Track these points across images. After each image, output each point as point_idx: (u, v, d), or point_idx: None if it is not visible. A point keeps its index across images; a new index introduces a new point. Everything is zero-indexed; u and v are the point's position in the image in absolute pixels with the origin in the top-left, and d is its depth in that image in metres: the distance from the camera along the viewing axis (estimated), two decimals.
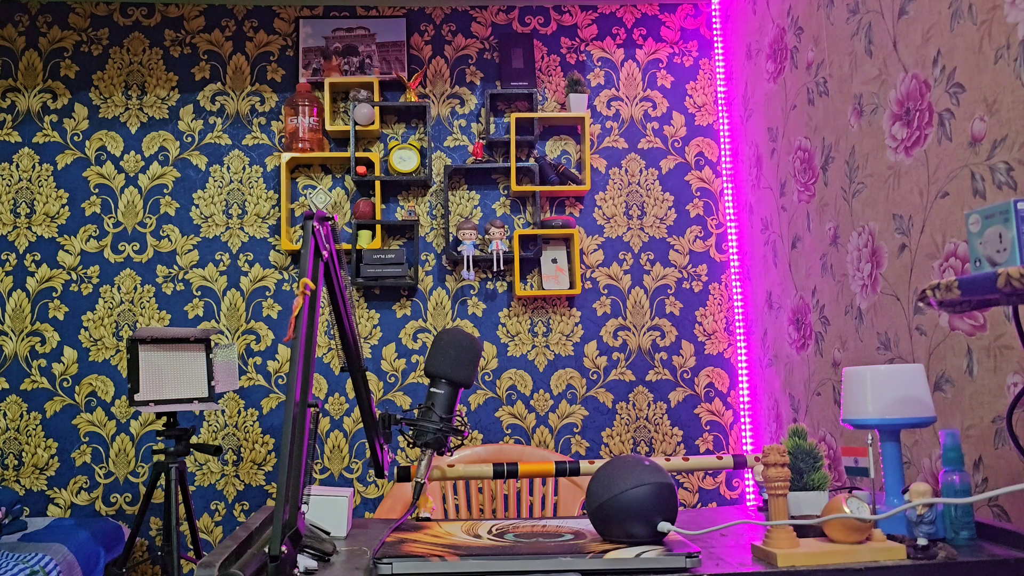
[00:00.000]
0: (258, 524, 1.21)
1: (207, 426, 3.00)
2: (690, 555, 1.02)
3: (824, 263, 2.33)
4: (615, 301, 3.12)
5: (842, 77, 2.19)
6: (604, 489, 1.10)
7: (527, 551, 1.06)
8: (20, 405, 2.97)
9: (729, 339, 3.12)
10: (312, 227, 1.20)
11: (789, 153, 2.56)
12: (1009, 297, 1.00)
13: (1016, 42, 1.49)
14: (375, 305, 3.10)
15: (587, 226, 3.16)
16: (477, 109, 3.20)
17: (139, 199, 3.09)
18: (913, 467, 1.87)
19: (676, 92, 3.24)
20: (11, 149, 3.08)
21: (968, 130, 1.63)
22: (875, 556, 1.04)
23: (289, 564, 0.91)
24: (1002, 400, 1.55)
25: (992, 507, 1.59)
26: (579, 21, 3.26)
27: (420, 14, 3.23)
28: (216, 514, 2.97)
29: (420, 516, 1.38)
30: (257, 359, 3.05)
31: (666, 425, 3.07)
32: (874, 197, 2.03)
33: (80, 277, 3.04)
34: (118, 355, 3.01)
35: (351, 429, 3.03)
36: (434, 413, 1.36)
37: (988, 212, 1.02)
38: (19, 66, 3.12)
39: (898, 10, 1.89)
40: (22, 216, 3.05)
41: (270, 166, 3.14)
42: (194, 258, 3.07)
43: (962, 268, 1.67)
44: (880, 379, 1.24)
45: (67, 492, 2.95)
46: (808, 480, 1.35)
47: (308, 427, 1.05)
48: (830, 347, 2.30)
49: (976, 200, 1.61)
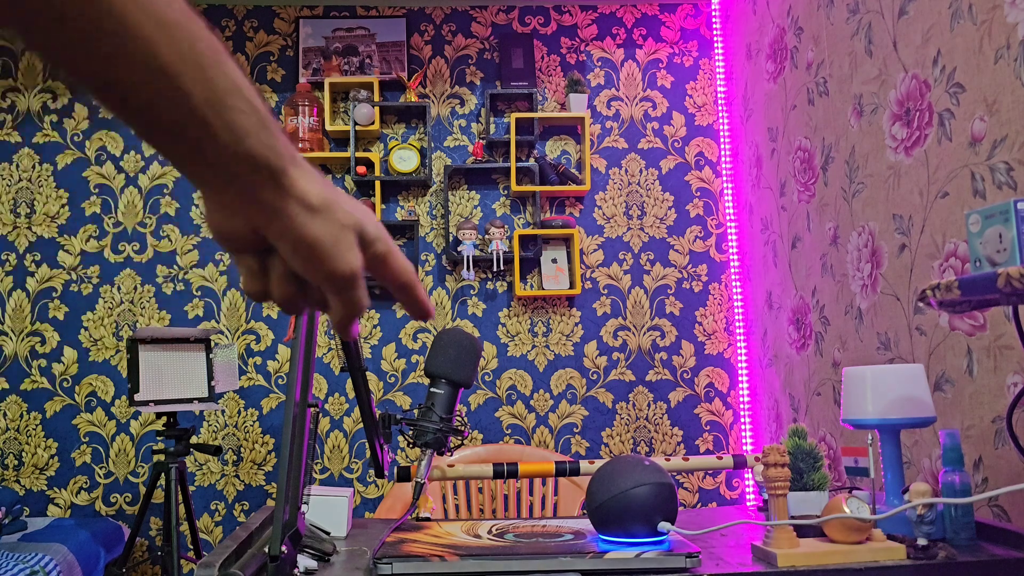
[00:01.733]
0: (258, 524, 1.21)
1: (207, 426, 3.00)
2: (690, 555, 1.02)
3: (824, 263, 2.33)
4: (615, 301, 3.12)
5: (842, 77, 2.19)
6: (604, 489, 1.10)
7: (527, 551, 1.06)
8: (20, 405, 2.97)
9: (729, 339, 3.12)
10: None
11: (789, 153, 2.56)
12: (1009, 297, 1.00)
13: (1016, 42, 1.49)
14: (375, 305, 3.10)
15: (587, 226, 3.16)
16: (477, 109, 3.20)
17: (139, 199, 3.09)
18: (913, 467, 1.86)
19: (676, 92, 3.24)
20: (11, 149, 3.08)
21: (968, 130, 1.63)
22: (875, 556, 1.04)
23: (289, 564, 0.91)
24: (1002, 400, 1.55)
25: (992, 507, 1.59)
26: (579, 21, 3.26)
27: (420, 14, 3.23)
28: (216, 514, 2.97)
29: (420, 516, 1.38)
30: (257, 359, 3.05)
31: (666, 425, 3.07)
32: (874, 197, 2.03)
33: (80, 277, 3.04)
34: (118, 355, 3.01)
35: (351, 429, 3.03)
36: (434, 413, 1.36)
37: (988, 212, 1.02)
38: (19, 66, 3.12)
39: (898, 10, 1.89)
40: (22, 216, 3.05)
41: None
42: (194, 258, 3.07)
43: (962, 268, 1.67)
44: (880, 379, 1.24)
45: (67, 492, 2.95)
46: (808, 480, 1.35)
47: (308, 427, 1.05)
48: (830, 347, 2.30)
49: (976, 200, 1.61)
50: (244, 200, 0.41)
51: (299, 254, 0.43)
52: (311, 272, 0.44)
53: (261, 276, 0.46)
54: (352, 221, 0.44)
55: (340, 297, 0.45)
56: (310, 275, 0.44)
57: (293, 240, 0.42)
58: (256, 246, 0.45)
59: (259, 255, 0.46)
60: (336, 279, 0.44)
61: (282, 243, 0.43)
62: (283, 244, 0.43)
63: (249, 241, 0.44)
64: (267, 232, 0.43)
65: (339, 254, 0.43)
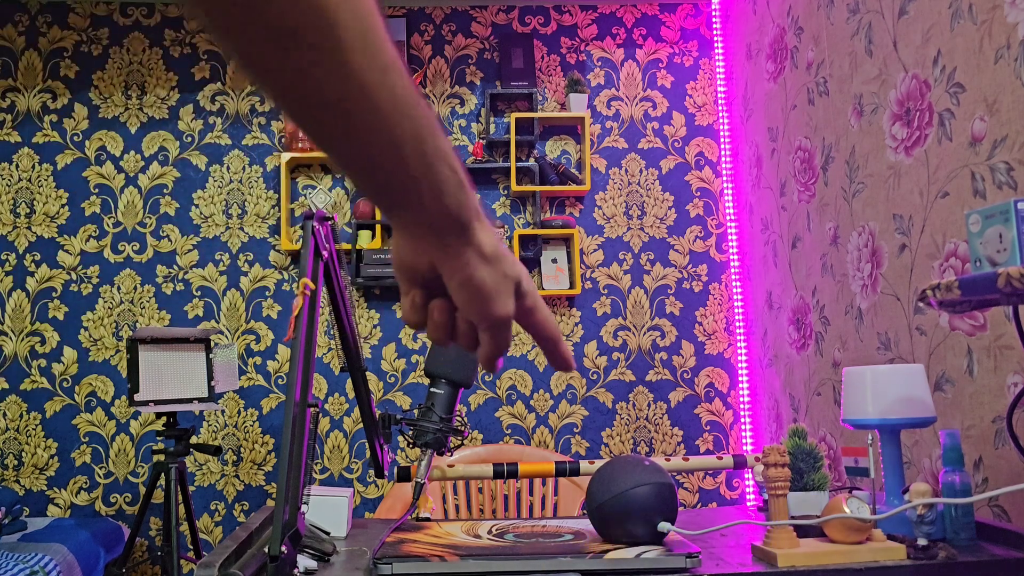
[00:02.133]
0: (258, 524, 1.20)
1: (207, 426, 3.00)
2: (690, 555, 1.02)
3: (824, 263, 2.33)
4: (615, 301, 3.12)
5: (842, 77, 2.19)
6: (604, 489, 1.10)
7: (527, 551, 1.06)
8: (20, 405, 2.97)
9: (729, 339, 3.12)
10: (312, 227, 1.20)
11: (789, 153, 2.56)
12: (1009, 297, 1.00)
13: (1016, 42, 1.49)
14: (375, 305, 3.10)
15: (587, 226, 3.15)
16: (477, 109, 3.20)
17: (139, 199, 3.09)
18: (913, 467, 1.86)
19: (676, 92, 3.24)
20: (11, 149, 3.08)
21: (968, 130, 1.63)
22: (875, 556, 1.04)
23: (289, 564, 0.91)
24: (1002, 400, 1.55)
25: (992, 507, 1.59)
26: (579, 21, 3.26)
27: (420, 14, 3.23)
28: (216, 514, 2.97)
29: (420, 516, 1.38)
30: (257, 359, 3.05)
31: (666, 425, 3.07)
32: (874, 197, 2.03)
33: (80, 277, 3.04)
34: (118, 355, 3.01)
35: (351, 429, 3.03)
36: (434, 413, 1.36)
37: (988, 212, 1.02)
38: (19, 66, 3.12)
39: (898, 10, 1.89)
40: (22, 216, 3.05)
41: (270, 166, 3.14)
42: (194, 258, 3.07)
43: (962, 268, 1.67)
44: (880, 379, 1.23)
45: (67, 492, 2.95)
46: (808, 480, 1.35)
47: (308, 427, 1.05)
48: (830, 347, 2.30)
49: (976, 200, 1.61)
50: (432, 244, 0.49)
51: (466, 293, 0.50)
52: (472, 310, 0.50)
53: (422, 310, 0.53)
54: (514, 273, 0.51)
55: (491, 335, 0.51)
56: (470, 312, 0.51)
57: (465, 281, 0.49)
58: (427, 283, 0.52)
59: (426, 291, 0.53)
60: (492, 319, 0.51)
61: (453, 282, 0.50)
62: (454, 283, 0.50)
63: (424, 277, 0.52)
64: (443, 271, 0.50)
65: (499, 298, 0.50)
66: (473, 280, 0.49)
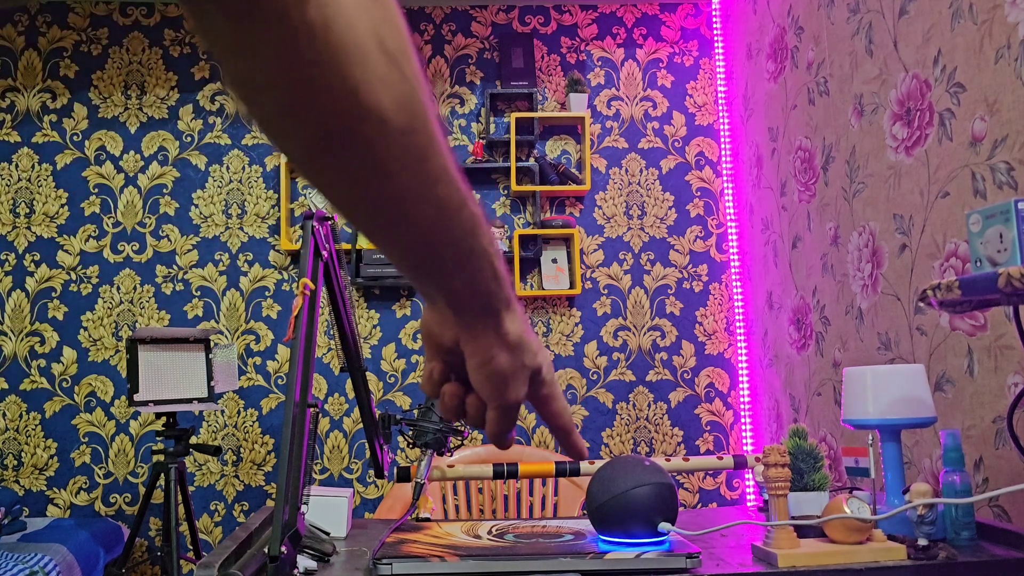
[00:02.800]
0: (258, 524, 1.20)
1: (207, 426, 3.00)
2: (690, 555, 1.02)
3: (824, 263, 2.33)
4: (615, 301, 3.12)
5: (842, 77, 2.19)
6: (604, 489, 1.10)
7: (527, 552, 1.06)
8: (20, 405, 2.97)
9: (729, 339, 3.12)
10: (312, 227, 1.20)
11: (789, 153, 2.56)
12: (1010, 297, 1.00)
13: (1016, 42, 1.48)
14: (375, 305, 3.09)
15: (587, 226, 3.15)
16: (477, 109, 3.20)
17: (138, 199, 3.09)
18: (913, 467, 1.86)
19: (676, 92, 3.23)
20: (10, 149, 3.08)
21: (969, 130, 1.63)
22: (875, 556, 1.04)
23: (289, 564, 0.91)
24: (1003, 400, 1.55)
25: (993, 507, 1.59)
26: (579, 21, 3.26)
27: (420, 13, 3.23)
28: (216, 514, 2.97)
29: (420, 516, 1.38)
30: (257, 359, 3.05)
31: (666, 425, 3.07)
32: (874, 197, 2.03)
33: (79, 277, 3.04)
34: (118, 355, 3.01)
35: (351, 429, 3.03)
36: (434, 413, 1.36)
37: (989, 212, 1.02)
38: (18, 66, 3.12)
39: (898, 10, 1.89)
40: (21, 216, 3.05)
41: (269, 166, 3.13)
42: (193, 258, 3.07)
43: (963, 268, 1.67)
44: (881, 379, 1.23)
45: (67, 492, 2.95)
46: (808, 480, 1.35)
47: (308, 427, 1.05)
48: (830, 347, 2.30)
49: (977, 200, 1.61)
50: (460, 324, 0.51)
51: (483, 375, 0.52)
52: (485, 391, 0.53)
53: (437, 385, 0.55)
54: (533, 364, 0.53)
55: (498, 415, 0.53)
56: (483, 392, 0.53)
57: (483, 364, 0.52)
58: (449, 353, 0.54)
59: (446, 362, 0.55)
60: (502, 402, 0.53)
61: (473, 361, 0.52)
62: (473, 363, 0.52)
63: (447, 349, 0.54)
64: (465, 349, 0.52)
65: (512, 385, 0.52)
66: (491, 364, 0.51)
